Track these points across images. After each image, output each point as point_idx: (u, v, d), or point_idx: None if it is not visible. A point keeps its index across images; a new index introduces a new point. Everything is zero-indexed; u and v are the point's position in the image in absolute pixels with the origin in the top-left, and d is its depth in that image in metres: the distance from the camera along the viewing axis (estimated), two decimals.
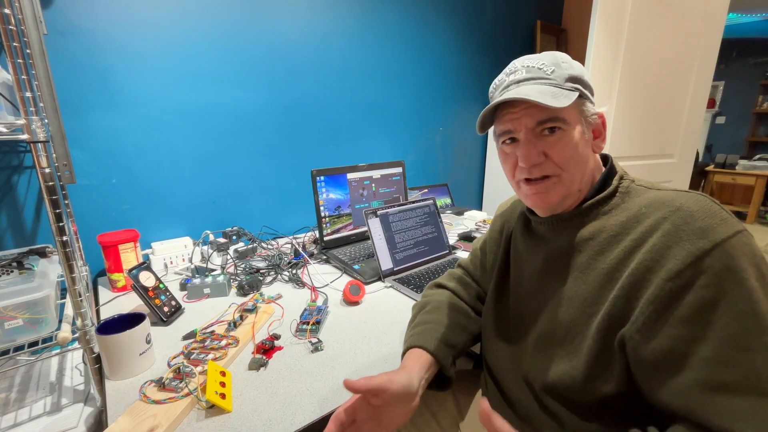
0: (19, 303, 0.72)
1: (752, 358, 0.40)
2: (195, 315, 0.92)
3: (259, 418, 0.60)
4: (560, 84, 0.52)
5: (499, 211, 0.78)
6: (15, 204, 1.04)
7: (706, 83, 1.83)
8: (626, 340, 0.47)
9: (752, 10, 4.22)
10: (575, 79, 0.53)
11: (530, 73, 0.53)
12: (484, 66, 2.08)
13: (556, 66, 0.53)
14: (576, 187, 0.55)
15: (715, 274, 0.42)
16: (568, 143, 0.53)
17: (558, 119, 0.52)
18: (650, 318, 0.45)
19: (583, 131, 0.54)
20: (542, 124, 0.52)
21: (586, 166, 0.55)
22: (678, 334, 0.43)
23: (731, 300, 0.41)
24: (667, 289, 0.44)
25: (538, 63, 0.54)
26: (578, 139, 0.53)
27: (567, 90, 0.52)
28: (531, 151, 0.53)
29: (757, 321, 0.40)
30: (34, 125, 0.60)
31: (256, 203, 1.48)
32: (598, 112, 0.56)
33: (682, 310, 0.43)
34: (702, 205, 0.46)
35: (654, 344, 0.45)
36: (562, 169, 0.53)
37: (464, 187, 2.22)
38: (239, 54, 1.33)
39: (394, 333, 0.83)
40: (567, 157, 0.53)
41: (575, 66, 0.55)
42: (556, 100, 0.50)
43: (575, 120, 0.53)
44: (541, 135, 0.53)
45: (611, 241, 0.52)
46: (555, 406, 0.55)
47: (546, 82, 0.52)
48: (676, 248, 0.44)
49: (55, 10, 1.02)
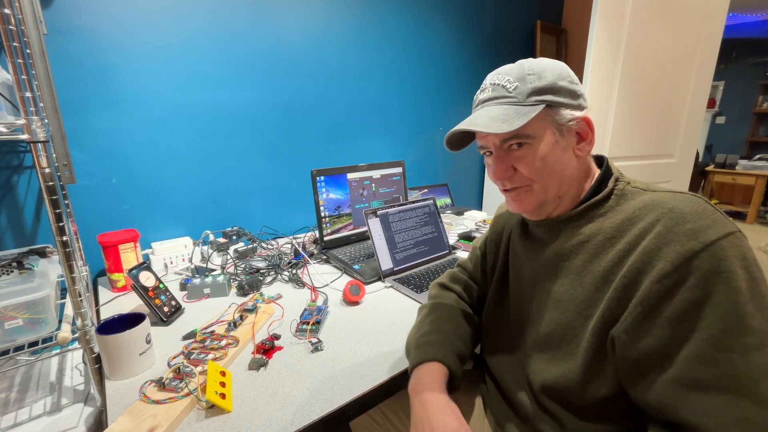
0: (19, 303, 0.72)
1: (731, 358, 0.40)
2: (195, 315, 0.92)
3: (259, 418, 0.60)
4: (521, 101, 0.52)
5: (499, 213, 0.78)
6: (15, 204, 1.04)
7: (706, 83, 1.83)
8: (615, 340, 0.48)
9: (752, 10, 4.22)
10: (542, 90, 0.52)
11: (495, 92, 0.55)
12: (484, 66, 2.08)
13: (521, 80, 0.53)
14: (552, 194, 0.56)
15: (702, 276, 0.42)
16: (534, 156, 0.54)
17: (521, 135, 0.53)
18: (637, 318, 0.45)
19: (555, 140, 0.53)
20: (507, 142, 0.55)
21: (562, 172, 0.55)
22: (663, 335, 0.44)
23: (716, 301, 0.41)
24: (655, 290, 0.44)
25: (504, 79, 0.54)
26: (547, 150, 0.53)
27: (528, 106, 0.52)
28: (500, 166, 0.56)
29: (740, 322, 0.40)
30: (34, 125, 0.60)
31: (256, 203, 1.48)
32: (578, 116, 0.54)
33: (668, 311, 0.43)
34: (694, 206, 0.46)
35: (639, 344, 0.45)
36: (531, 180, 0.55)
37: (464, 187, 2.22)
38: (239, 54, 1.33)
39: (394, 333, 0.83)
40: (535, 169, 0.54)
41: (546, 74, 0.53)
42: (507, 124, 0.51)
43: (543, 131, 0.53)
44: (509, 150, 0.55)
45: (606, 243, 0.52)
46: (554, 407, 0.55)
47: (505, 101, 0.53)
48: (666, 249, 0.44)
49: (55, 10, 1.02)
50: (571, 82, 0.54)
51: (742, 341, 0.40)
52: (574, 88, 0.54)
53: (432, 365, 0.62)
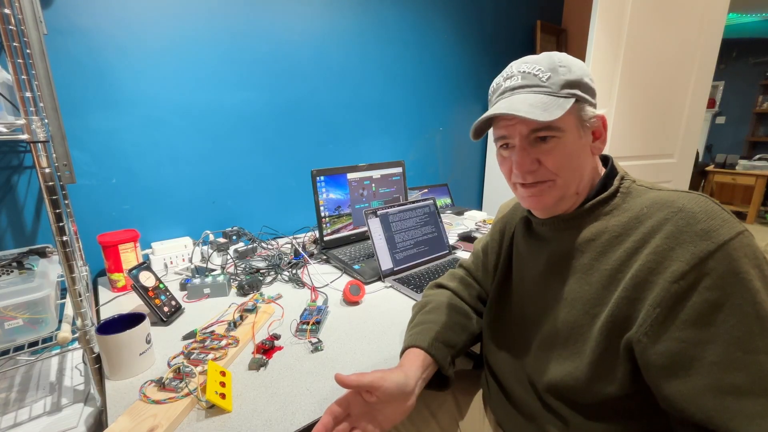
0: (19, 303, 0.72)
1: (759, 360, 0.41)
2: (195, 315, 0.92)
3: (259, 418, 0.60)
4: (555, 92, 0.51)
5: (501, 213, 0.77)
6: (15, 204, 1.04)
7: (706, 83, 1.83)
8: (634, 344, 0.47)
9: (752, 10, 4.22)
10: (573, 84, 0.52)
11: (525, 80, 0.53)
12: (484, 66, 2.08)
13: (553, 71, 0.52)
14: (572, 190, 0.55)
15: (719, 276, 0.42)
16: (562, 151, 0.53)
17: (552, 128, 0.52)
18: (657, 320, 0.45)
19: (579, 136, 0.53)
20: (536, 132, 0.53)
21: (583, 169, 0.55)
22: (684, 337, 0.43)
23: (735, 302, 0.41)
24: (672, 290, 0.44)
25: (535, 68, 0.53)
26: (573, 146, 0.53)
27: (562, 98, 0.51)
28: (524, 158, 0.54)
29: (762, 323, 0.41)
30: (34, 125, 0.60)
31: (256, 203, 1.48)
32: (598, 114, 0.55)
33: (687, 312, 0.43)
34: (703, 206, 0.46)
35: (661, 347, 0.45)
36: (556, 174, 0.54)
37: (464, 187, 2.22)
38: (239, 54, 1.33)
39: (394, 333, 0.83)
40: (561, 164, 0.53)
41: (574, 69, 0.53)
42: (547, 113, 0.49)
43: (571, 127, 0.52)
44: (535, 142, 0.53)
45: (613, 241, 0.52)
46: (559, 406, 0.55)
47: (540, 90, 0.52)
48: (680, 250, 0.44)
49: (55, 10, 1.02)
50: (591, 81, 0.54)
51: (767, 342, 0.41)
52: (594, 86, 0.55)
53: (409, 350, 0.64)
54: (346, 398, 0.56)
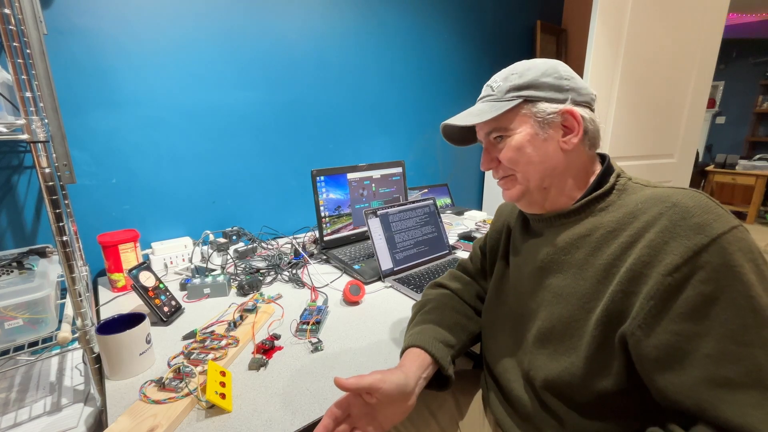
0: (19, 303, 0.72)
1: (753, 353, 0.41)
2: (195, 315, 0.92)
3: (259, 418, 0.60)
4: (499, 98, 0.57)
5: (499, 211, 0.78)
6: (15, 204, 1.04)
7: (706, 83, 1.83)
8: (627, 337, 0.47)
9: (752, 10, 4.22)
10: (520, 87, 0.56)
11: (485, 92, 0.61)
12: (484, 66, 2.08)
13: (504, 80, 0.58)
14: (535, 184, 0.58)
15: (713, 270, 0.42)
16: (510, 147, 0.57)
17: (498, 129, 0.58)
18: (651, 313, 0.45)
19: (534, 132, 0.56)
20: (489, 135, 0.60)
21: (543, 163, 0.57)
22: (678, 330, 0.44)
23: (729, 296, 0.42)
24: (666, 283, 0.44)
25: (495, 80, 0.60)
26: (523, 141, 0.56)
27: (504, 101, 0.56)
28: (485, 157, 0.62)
29: (756, 316, 0.41)
30: (34, 125, 0.60)
31: (256, 203, 1.48)
32: (559, 109, 0.55)
33: (681, 305, 0.44)
34: (697, 201, 0.46)
35: (655, 340, 0.45)
36: (512, 169, 0.59)
37: (464, 187, 2.22)
38: (239, 54, 1.33)
39: (395, 333, 0.84)
40: (513, 159, 0.58)
41: (528, 73, 0.56)
42: (478, 117, 0.57)
43: (519, 124, 0.57)
44: (494, 142, 0.60)
45: (608, 237, 0.52)
46: (555, 403, 0.55)
47: (488, 99, 0.59)
48: (674, 243, 0.45)
49: (55, 10, 1.02)
50: (559, 78, 0.56)
51: (761, 335, 0.41)
52: (560, 83, 0.55)
53: (409, 350, 0.64)
54: (345, 399, 0.56)
